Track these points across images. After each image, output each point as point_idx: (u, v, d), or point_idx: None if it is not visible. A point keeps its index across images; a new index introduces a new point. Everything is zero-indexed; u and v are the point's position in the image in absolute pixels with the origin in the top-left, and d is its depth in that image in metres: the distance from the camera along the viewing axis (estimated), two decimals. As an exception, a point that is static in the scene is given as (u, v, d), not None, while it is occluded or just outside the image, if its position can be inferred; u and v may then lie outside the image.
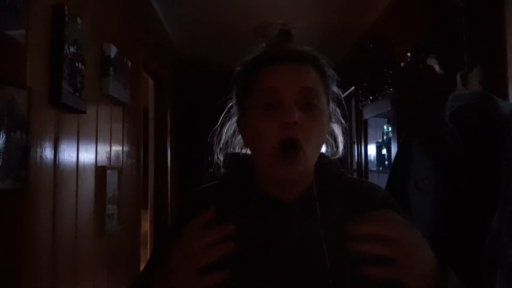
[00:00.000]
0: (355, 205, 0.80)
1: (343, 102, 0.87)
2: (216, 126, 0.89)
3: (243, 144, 0.85)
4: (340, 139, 0.87)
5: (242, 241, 0.75)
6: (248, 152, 0.85)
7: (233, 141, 0.89)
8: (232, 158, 0.87)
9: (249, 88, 0.78)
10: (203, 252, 0.63)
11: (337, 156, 0.88)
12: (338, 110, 0.86)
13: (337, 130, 0.87)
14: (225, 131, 0.89)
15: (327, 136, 0.84)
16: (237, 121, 0.85)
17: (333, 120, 0.84)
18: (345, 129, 0.88)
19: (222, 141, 0.89)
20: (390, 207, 0.82)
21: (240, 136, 0.87)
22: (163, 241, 0.86)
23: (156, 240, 3.41)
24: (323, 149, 0.86)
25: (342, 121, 0.88)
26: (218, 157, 0.89)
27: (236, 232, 0.77)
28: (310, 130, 0.72)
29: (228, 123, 0.89)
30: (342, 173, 0.85)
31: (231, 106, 0.87)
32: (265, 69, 0.76)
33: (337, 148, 0.88)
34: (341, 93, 0.86)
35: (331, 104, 0.83)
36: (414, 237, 0.62)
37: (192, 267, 0.62)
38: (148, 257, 0.87)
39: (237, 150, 0.89)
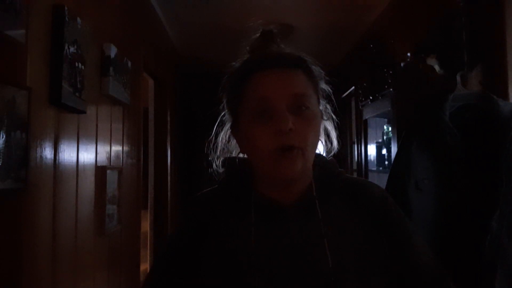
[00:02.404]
0: (353, 204, 0.81)
1: (333, 97, 0.87)
2: (211, 136, 0.89)
3: (239, 150, 0.86)
4: (333, 134, 0.88)
5: (245, 246, 0.75)
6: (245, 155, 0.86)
7: (229, 147, 0.90)
8: (230, 163, 0.88)
9: (240, 96, 0.78)
10: None
11: (333, 153, 0.89)
12: (328, 106, 0.87)
13: (329, 126, 0.88)
14: (220, 139, 0.89)
15: (321, 133, 0.85)
16: (231, 128, 0.85)
17: (324, 117, 0.85)
18: (337, 124, 0.89)
19: (219, 149, 0.89)
20: (387, 205, 0.83)
21: (235, 141, 0.87)
22: (165, 253, 0.87)
23: (157, 247, 3.40)
24: (321, 149, 0.87)
25: (334, 116, 0.88)
26: (216, 165, 0.89)
27: (238, 235, 0.77)
28: (305, 133, 0.73)
29: (222, 131, 0.89)
30: (340, 173, 0.85)
31: (224, 115, 0.87)
32: (254, 76, 0.76)
33: (332, 144, 0.89)
34: (330, 89, 0.86)
35: (321, 101, 0.83)
36: None
37: None
38: (149, 259, 0.88)
39: (234, 155, 0.90)
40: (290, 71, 0.76)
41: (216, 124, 0.89)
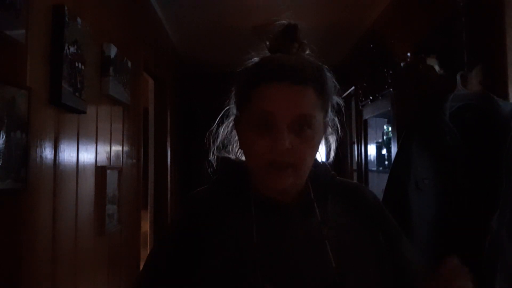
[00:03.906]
0: (349, 206, 0.83)
1: (343, 110, 0.87)
2: (213, 126, 0.89)
3: (238, 145, 0.86)
4: (333, 147, 0.89)
5: (247, 243, 0.75)
6: (241, 153, 0.86)
7: (230, 139, 0.89)
8: (225, 162, 0.88)
9: (247, 101, 0.77)
10: None
11: (328, 162, 0.90)
12: (336, 119, 0.86)
13: (332, 139, 0.88)
14: (222, 129, 0.89)
15: (321, 143, 0.85)
16: (235, 121, 0.85)
17: (329, 130, 0.85)
18: (340, 138, 0.89)
19: (218, 140, 0.89)
20: (380, 207, 0.86)
21: (236, 135, 0.87)
22: (161, 250, 0.86)
23: (154, 244, 3.40)
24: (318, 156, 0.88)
25: (339, 130, 0.89)
26: (213, 156, 0.90)
27: (239, 232, 0.77)
28: (301, 154, 0.74)
29: (226, 122, 0.89)
30: (333, 175, 0.87)
31: (229, 108, 0.87)
32: (263, 87, 0.75)
33: (329, 156, 0.90)
34: (342, 102, 0.86)
35: (329, 114, 0.83)
36: None
37: None
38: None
39: (233, 148, 0.90)
40: (300, 87, 0.74)
41: (221, 114, 0.89)
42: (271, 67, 0.77)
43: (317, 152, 0.81)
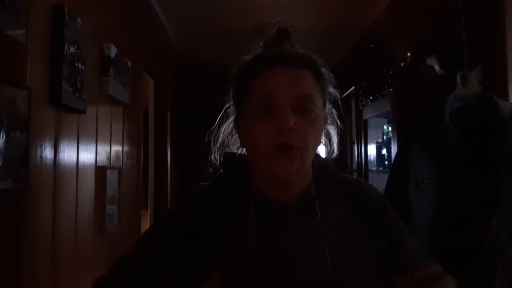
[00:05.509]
0: (352, 205, 0.81)
1: (339, 102, 0.87)
2: (214, 126, 0.89)
3: (239, 144, 0.86)
4: (335, 140, 0.88)
5: (245, 242, 0.75)
6: (244, 152, 0.85)
7: (230, 140, 0.89)
8: (228, 158, 0.87)
9: (246, 91, 0.78)
10: None
11: (332, 157, 0.89)
12: (334, 111, 0.87)
13: (333, 131, 0.88)
14: (223, 130, 0.89)
15: (323, 136, 0.85)
16: (234, 121, 0.85)
17: (328, 121, 0.85)
18: (340, 130, 0.89)
19: (219, 141, 0.89)
20: (384, 206, 0.84)
21: (237, 135, 0.87)
22: (152, 234, 0.86)
23: (149, 228, 3.40)
24: (321, 151, 0.87)
25: (338, 122, 0.88)
26: (215, 157, 0.89)
27: (238, 233, 0.77)
28: (305, 135, 0.73)
29: (226, 122, 0.89)
30: (337, 172, 0.86)
31: (228, 107, 0.88)
32: (262, 73, 0.76)
33: (333, 149, 0.89)
34: (337, 94, 0.86)
35: (327, 105, 0.83)
36: None
37: None
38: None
39: (234, 149, 0.89)
40: (299, 70, 0.76)
41: (220, 115, 0.89)
42: (267, 56, 0.79)
43: (320, 142, 0.81)
